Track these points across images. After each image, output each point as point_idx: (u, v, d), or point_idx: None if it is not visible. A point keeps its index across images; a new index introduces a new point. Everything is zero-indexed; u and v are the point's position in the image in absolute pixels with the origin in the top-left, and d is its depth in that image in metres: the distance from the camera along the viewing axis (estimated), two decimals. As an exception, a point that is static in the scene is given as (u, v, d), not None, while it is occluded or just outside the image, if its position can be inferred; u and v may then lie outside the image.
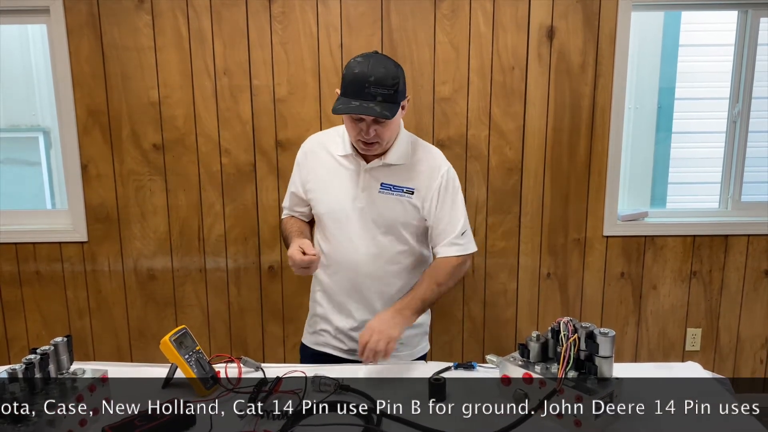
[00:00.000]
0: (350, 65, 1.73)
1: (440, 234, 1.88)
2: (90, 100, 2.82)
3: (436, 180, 1.87)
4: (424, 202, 1.86)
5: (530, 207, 2.95)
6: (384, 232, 1.87)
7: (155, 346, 1.64)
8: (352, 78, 1.70)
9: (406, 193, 1.86)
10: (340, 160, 1.90)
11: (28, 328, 3.05)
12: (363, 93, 1.68)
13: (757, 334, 3.15)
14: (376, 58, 1.74)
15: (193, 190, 2.90)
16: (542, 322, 3.06)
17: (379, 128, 1.75)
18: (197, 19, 2.75)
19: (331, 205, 1.90)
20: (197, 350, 1.63)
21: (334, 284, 1.95)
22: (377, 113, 1.68)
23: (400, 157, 1.87)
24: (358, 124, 1.75)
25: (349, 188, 1.87)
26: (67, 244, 2.96)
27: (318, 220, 1.97)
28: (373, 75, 1.68)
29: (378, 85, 1.68)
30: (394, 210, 1.86)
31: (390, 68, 1.72)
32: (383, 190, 1.86)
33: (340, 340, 1.98)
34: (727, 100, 3.05)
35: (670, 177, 3.43)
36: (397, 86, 1.71)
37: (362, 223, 1.87)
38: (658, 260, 3.04)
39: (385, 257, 1.89)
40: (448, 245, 1.87)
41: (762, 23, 2.93)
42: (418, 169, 1.88)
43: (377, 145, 1.80)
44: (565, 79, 2.83)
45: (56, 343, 1.48)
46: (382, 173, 1.87)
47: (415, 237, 1.92)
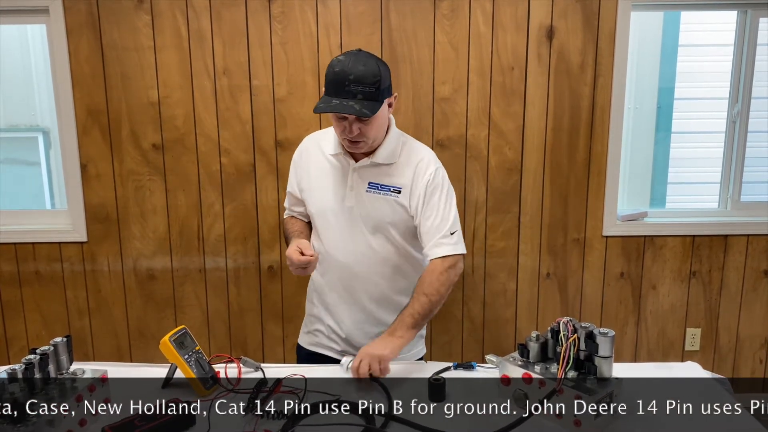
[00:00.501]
0: (332, 64, 1.72)
1: (428, 233, 1.84)
2: (89, 100, 2.82)
3: (423, 178, 1.84)
4: (410, 201, 1.85)
5: (530, 207, 2.95)
6: (372, 231, 1.87)
7: (155, 346, 1.65)
8: (332, 76, 1.70)
9: (393, 192, 1.85)
10: (330, 160, 1.90)
11: (27, 328, 3.05)
12: (343, 91, 1.68)
13: (757, 334, 3.15)
14: (358, 56, 1.72)
15: (193, 190, 2.90)
16: (542, 322, 3.06)
17: (362, 126, 1.74)
18: (197, 19, 2.75)
19: (321, 204, 1.90)
20: (197, 350, 1.63)
21: (325, 284, 1.96)
22: (355, 111, 1.67)
23: (388, 157, 1.86)
24: (342, 122, 1.75)
25: (339, 187, 1.87)
26: (66, 244, 2.96)
27: (311, 219, 1.98)
28: (353, 73, 1.67)
29: (358, 83, 1.67)
30: (381, 209, 1.85)
31: (371, 66, 1.70)
32: (370, 190, 1.85)
33: (333, 341, 1.99)
34: (726, 100, 3.05)
35: (670, 177, 3.43)
36: (379, 84, 1.70)
37: (351, 223, 1.87)
38: (658, 260, 3.04)
39: (374, 257, 1.88)
40: (436, 245, 1.83)
41: (761, 23, 2.93)
42: (405, 168, 1.86)
43: (363, 143, 1.79)
44: (565, 79, 2.83)
45: (56, 344, 1.49)
46: (370, 172, 1.86)
47: (405, 237, 1.90)
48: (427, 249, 1.85)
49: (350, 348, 1.96)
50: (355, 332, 1.95)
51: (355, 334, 1.96)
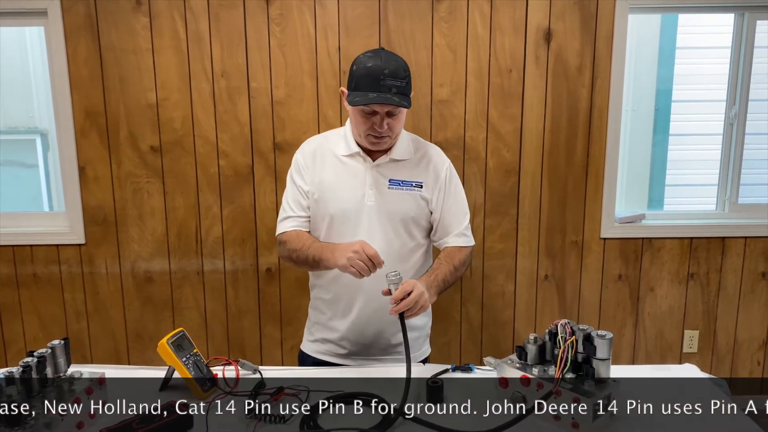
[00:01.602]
0: (361, 60, 1.78)
1: (449, 226, 1.93)
2: (87, 102, 2.81)
3: (441, 173, 1.93)
4: (432, 195, 1.90)
5: (528, 209, 2.95)
6: (395, 228, 1.88)
7: (153, 349, 1.64)
8: (365, 71, 1.74)
9: (416, 187, 1.89)
10: (345, 161, 1.90)
11: (25, 330, 3.04)
12: (379, 85, 1.73)
13: (755, 335, 3.15)
14: (386, 52, 1.80)
15: (191, 192, 2.90)
16: (540, 324, 3.07)
17: (391, 121, 1.79)
18: (195, 21, 2.75)
19: (341, 204, 1.88)
20: (195, 353, 1.63)
21: (340, 286, 1.91)
22: (397, 103, 1.73)
23: (404, 153, 1.91)
24: (371, 118, 1.78)
25: (358, 187, 1.88)
26: (64, 246, 2.95)
27: (320, 223, 1.92)
28: (388, 68, 1.73)
29: (392, 77, 1.73)
30: (405, 205, 1.88)
31: (400, 61, 1.79)
32: (392, 186, 1.88)
33: (342, 347, 1.96)
34: (723, 103, 3.06)
35: (668, 179, 3.44)
36: (408, 78, 1.78)
37: (373, 221, 1.87)
38: (656, 262, 3.04)
39: (396, 254, 1.88)
40: (457, 236, 1.93)
41: (758, 26, 2.94)
42: (423, 164, 1.92)
43: (387, 138, 1.83)
44: (563, 81, 2.84)
45: (53, 346, 1.48)
46: (390, 169, 1.89)
47: (422, 233, 1.95)
48: (448, 238, 1.93)
49: (357, 348, 1.95)
50: (371, 335, 1.93)
51: (370, 337, 1.93)
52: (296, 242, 1.89)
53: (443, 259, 1.88)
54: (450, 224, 1.93)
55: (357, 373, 1.79)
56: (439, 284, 1.81)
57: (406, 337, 1.64)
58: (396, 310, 1.65)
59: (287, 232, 1.94)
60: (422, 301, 1.68)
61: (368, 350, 1.94)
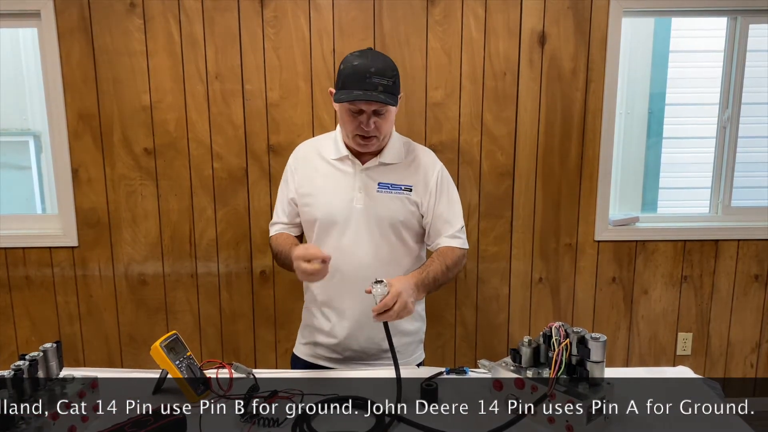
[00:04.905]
0: (348, 59, 1.78)
1: (441, 229, 1.90)
2: (81, 104, 2.81)
3: (432, 176, 1.90)
4: (422, 199, 1.88)
5: (522, 212, 2.96)
6: (384, 232, 1.86)
7: (146, 352, 1.63)
8: (351, 70, 1.74)
9: (405, 191, 1.87)
10: (334, 164, 1.89)
11: (17, 333, 3.03)
12: (365, 83, 1.72)
13: (748, 338, 3.16)
14: (374, 52, 1.82)
15: (185, 194, 2.89)
16: (534, 326, 3.07)
17: (378, 120, 1.77)
18: (189, 24, 2.75)
19: (327, 208, 1.87)
20: (188, 356, 1.62)
21: (330, 290, 1.90)
22: (382, 100, 1.72)
23: (394, 156, 1.89)
24: (358, 117, 1.77)
25: (346, 190, 1.87)
26: (57, 249, 2.94)
27: (310, 228, 1.92)
28: (374, 66, 1.73)
29: (379, 75, 1.73)
30: (394, 208, 1.86)
31: (388, 61, 1.79)
32: (381, 190, 1.86)
33: (334, 350, 1.95)
34: (717, 106, 3.07)
35: (661, 182, 3.44)
36: (396, 77, 1.77)
37: (361, 225, 1.86)
38: (649, 265, 3.05)
39: (385, 258, 1.87)
40: (450, 237, 1.89)
41: (751, 30, 2.95)
42: (413, 167, 1.90)
43: (375, 139, 1.81)
44: (557, 84, 2.85)
45: (45, 349, 1.47)
46: (379, 173, 1.87)
47: (414, 237, 1.92)
48: (441, 239, 1.90)
49: (351, 354, 1.94)
50: (362, 339, 1.91)
51: (362, 341, 1.91)
52: (276, 246, 1.94)
53: (436, 258, 1.84)
54: (442, 228, 1.90)
55: (350, 375, 1.78)
56: (429, 282, 1.77)
57: (390, 341, 1.62)
58: (376, 320, 1.63)
59: (272, 236, 2.00)
60: (404, 313, 1.63)
61: (360, 355, 1.93)
